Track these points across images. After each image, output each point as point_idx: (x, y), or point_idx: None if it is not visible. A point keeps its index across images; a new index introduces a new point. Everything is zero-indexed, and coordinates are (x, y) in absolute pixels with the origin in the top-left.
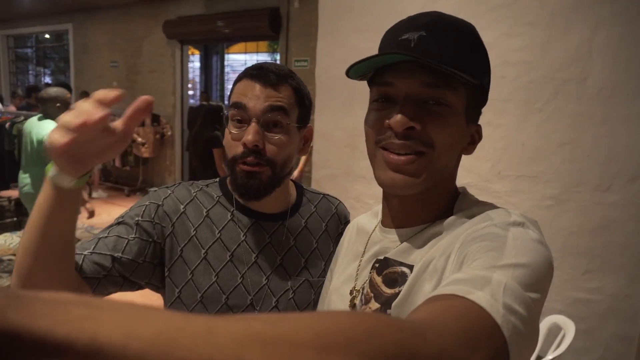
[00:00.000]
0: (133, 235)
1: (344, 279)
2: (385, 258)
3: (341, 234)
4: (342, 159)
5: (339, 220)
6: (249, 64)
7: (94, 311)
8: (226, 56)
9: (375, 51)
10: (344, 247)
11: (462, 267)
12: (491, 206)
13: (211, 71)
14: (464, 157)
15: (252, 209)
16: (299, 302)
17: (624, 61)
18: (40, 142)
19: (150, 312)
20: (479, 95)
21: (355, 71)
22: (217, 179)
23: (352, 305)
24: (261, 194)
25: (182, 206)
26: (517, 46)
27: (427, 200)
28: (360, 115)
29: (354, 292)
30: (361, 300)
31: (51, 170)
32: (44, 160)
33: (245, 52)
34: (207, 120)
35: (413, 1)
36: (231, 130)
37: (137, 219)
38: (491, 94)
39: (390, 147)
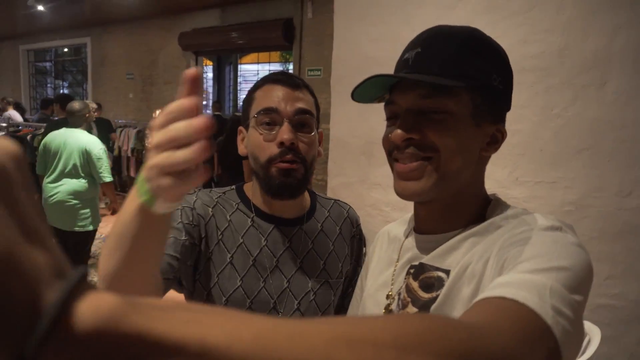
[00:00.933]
0: (184, 237)
1: (378, 286)
2: (420, 263)
3: (354, 236)
4: (358, 166)
5: (351, 224)
6: (262, 74)
7: (200, 316)
8: (239, 66)
9: (389, 60)
10: (375, 254)
11: (503, 271)
12: (525, 211)
13: (224, 81)
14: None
15: (271, 214)
16: (320, 303)
17: None
18: (83, 152)
19: (245, 315)
20: (489, 94)
21: (359, 96)
22: (233, 187)
23: (388, 311)
24: (297, 192)
25: (210, 209)
26: (534, 53)
27: (454, 206)
28: (375, 123)
29: (390, 297)
30: (398, 305)
31: (147, 196)
32: (85, 169)
33: (258, 62)
34: (235, 132)
35: (427, 12)
36: (261, 133)
37: (180, 221)
38: None
39: (398, 158)
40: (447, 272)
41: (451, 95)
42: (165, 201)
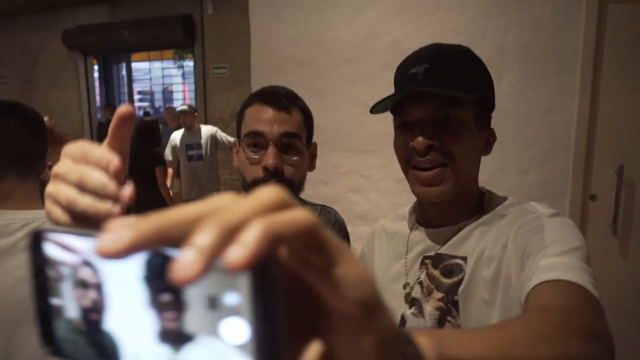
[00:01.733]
0: None
1: (390, 278)
2: (437, 254)
3: (343, 239)
4: None
5: (340, 228)
6: (154, 72)
7: (462, 337)
8: (124, 65)
9: (309, 59)
10: (376, 251)
11: (528, 255)
12: (519, 200)
13: (112, 82)
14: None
15: None
16: None
17: (530, 61)
18: None
19: (477, 333)
20: (485, 103)
21: (380, 108)
22: None
23: (410, 299)
24: None
25: None
26: None
27: (458, 202)
28: None
29: (407, 287)
30: (423, 292)
31: None
32: None
33: (149, 60)
34: (144, 137)
35: (342, 12)
36: (248, 154)
37: None
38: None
39: (418, 164)
40: (464, 258)
41: (460, 106)
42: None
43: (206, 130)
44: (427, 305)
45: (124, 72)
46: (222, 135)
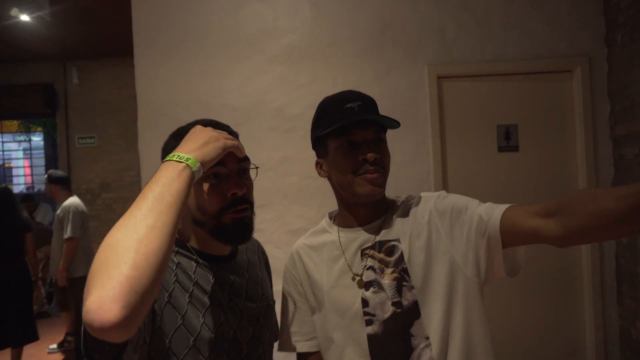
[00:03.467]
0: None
1: (335, 278)
2: (377, 242)
3: (266, 262)
4: None
5: (262, 252)
6: None
7: None
8: None
9: (193, 119)
10: (306, 266)
11: (460, 214)
12: (410, 195)
13: None
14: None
15: (211, 254)
16: (268, 325)
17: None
18: None
19: None
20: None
21: (326, 132)
22: None
23: (363, 283)
24: (250, 235)
25: None
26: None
27: (378, 201)
28: None
29: (356, 277)
30: (376, 273)
31: (197, 166)
32: None
33: None
34: (13, 205)
35: (230, 82)
36: (206, 187)
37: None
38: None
39: (368, 171)
40: (397, 239)
41: (384, 131)
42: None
43: (64, 205)
44: (384, 280)
45: None
46: (69, 218)
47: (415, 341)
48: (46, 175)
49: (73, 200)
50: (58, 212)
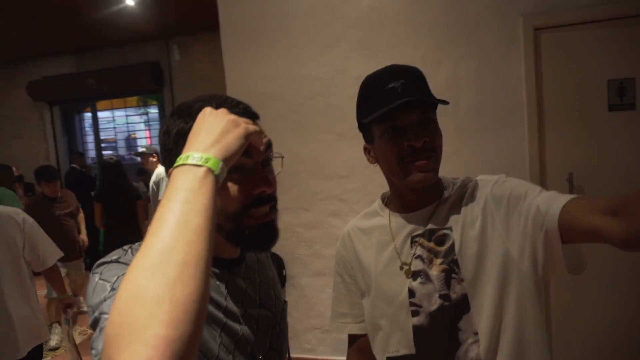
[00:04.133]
0: None
1: (384, 264)
2: (428, 229)
3: (273, 256)
4: None
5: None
6: (118, 120)
7: None
8: (85, 115)
9: (280, 94)
10: (356, 249)
11: (515, 204)
12: (467, 177)
13: (74, 131)
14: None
15: (222, 257)
16: (283, 329)
17: (482, 86)
18: None
19: None
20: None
21: (370, 118)
22: None
23: (411, 273)
24: (276, 240)
25: None
26: None
27: (431, 186)
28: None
29: (404, 265)
30: (424, 263)
31: (220, 166)
32: None
33: (112, 109)
34: (110, 177)
35: (309, 50)
36: (227, 181)
37: None
38: None
39: (416, 159)
40: (449, 228)
41: (432, 110)
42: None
43: (157, 173)
44: (432, 271)
45: (85, 121)
46: (163, 184)
47: (463, 336)
48: (145, 148)
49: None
50: (153, 178)
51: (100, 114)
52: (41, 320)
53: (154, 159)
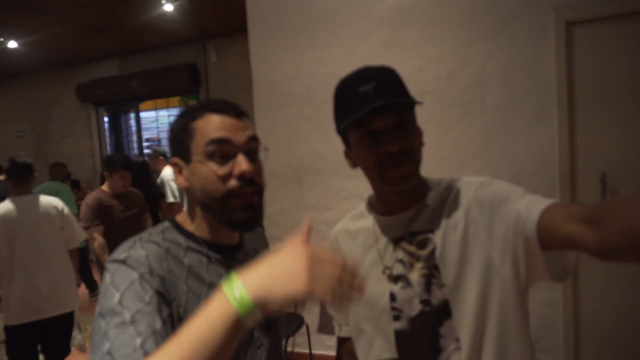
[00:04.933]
0: (160, 325)
1: (367, 268)
2: (410, 232)
3: (269, 247)
4: (290, 193)
5: (264, 236)
6: (161, 120)
7: None
8: (131, 115)
9: (305, 94)
10: (342, 251)
11: (498, 207)
12: (452, 178)
13: (121, 131)
14: None
15: (220, 243)
16: (279, 322)
17: (510, 83)
18: None
19: None
20: (413, 107)
21: (343, 125)
22: (168, 225)
23: (393, 277)
24: (260, 222)
25: (164, 263)
26: (428, 79)
27: (413, 188)
28: (301, 152)
29: (386, 269)
30: (405, 267)
31: (250, 311)
32: None
33: (156, 109)
34: (137, 176)
35: (335, 51)
36: (212, 167)
37: (147, 301)
38: None
39: (393, 165)
40: (431, 231)
41: (408, 111)
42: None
43: (162, 175)
44: (412, 276)
45: (131, 121)
46: (171, 185)
47: (444, 342)
48: (152, 151)
49: (170, 170)
50: (159, 180)
51: (144, 114)
52: (74, 291)
53: (161, 160)
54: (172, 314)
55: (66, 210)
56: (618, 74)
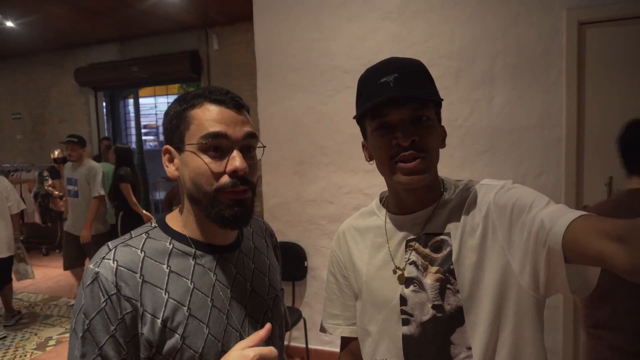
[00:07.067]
0: (124, 344)
1: (376, 267)
2: (424, 234)
3: (275, 247)
4: (291, 186)
5: (271, 235)
6: (160, 107)
7: None
8: (129, 101)
9: (310, 86)
10: (350, 249)
11: (519, 215)
12: (471, 180)
13: (119, 117)
14: None
15: (211, 244)
16: (276, 318)
17: (519, 82)
18: None
19: None
20: (439, 104)
21: (360, 113)
22: (154, 224)
23: (404, 279)
24: (249, 219)
25: (138, 275)
26: (435, 75)
27: (429, 187)
28: (304, 145)
29: (397, 270)
30: (418, 270)
31: None
32: None
33: (155, 95)
34: (120, 161)
35: (342, 43)
36: (208, 160)
37: (109, 323)
38: None
39: (404, 158)
40: (448, 234)
41: (428, 107)
42: None
43: (88, 167)
44: (426, 280)
45: (130, 107)
46: (98, 180)
47: (455, 350)
48: (74, 137)
49: (95, 162)
50: (83, 174)
51: (143, 100)
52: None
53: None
54: (153, 327)
55: (9, 186)
56: (629, 75)
